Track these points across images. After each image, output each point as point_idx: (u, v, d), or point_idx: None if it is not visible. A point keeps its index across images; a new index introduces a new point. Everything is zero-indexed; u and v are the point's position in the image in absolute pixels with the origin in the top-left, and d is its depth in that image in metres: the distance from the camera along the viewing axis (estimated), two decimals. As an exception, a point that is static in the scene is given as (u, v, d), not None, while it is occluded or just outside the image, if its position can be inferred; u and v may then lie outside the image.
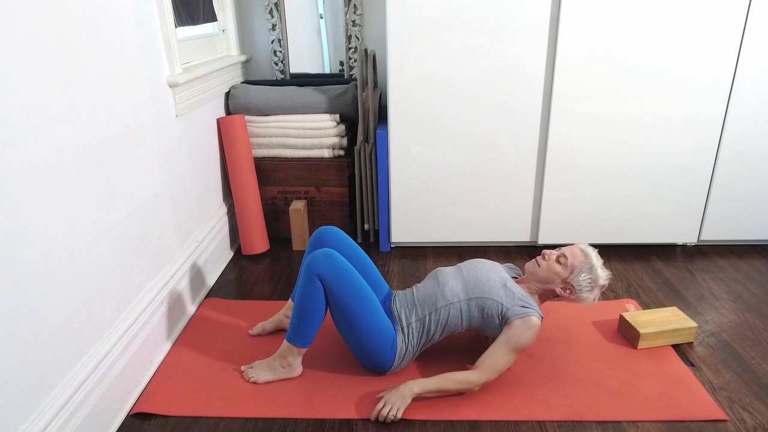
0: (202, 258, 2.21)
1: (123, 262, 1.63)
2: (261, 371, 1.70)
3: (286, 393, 1.66)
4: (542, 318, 1.62)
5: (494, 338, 1.65)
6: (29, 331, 1.23)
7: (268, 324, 1.94)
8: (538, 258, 1.72)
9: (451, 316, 1.65)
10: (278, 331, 1.95)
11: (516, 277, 1.80)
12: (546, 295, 1.72)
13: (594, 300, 1.67)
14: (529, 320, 1.58)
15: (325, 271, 1.58)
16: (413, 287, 1.78)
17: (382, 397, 1.58)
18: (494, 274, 1.70)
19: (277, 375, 1.69)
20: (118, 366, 1.57)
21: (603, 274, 1.66)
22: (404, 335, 1.67)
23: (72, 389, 1.37)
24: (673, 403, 1.60)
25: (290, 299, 1.93)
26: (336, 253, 1.62)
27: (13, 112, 1.18)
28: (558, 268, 1.67)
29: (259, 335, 1.93)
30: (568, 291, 1.67)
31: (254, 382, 1.69)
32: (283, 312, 1.94)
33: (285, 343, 1.67)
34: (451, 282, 1.70)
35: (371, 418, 1.55)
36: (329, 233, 1.80)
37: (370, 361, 1.67)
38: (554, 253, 1.70)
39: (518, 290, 1.66)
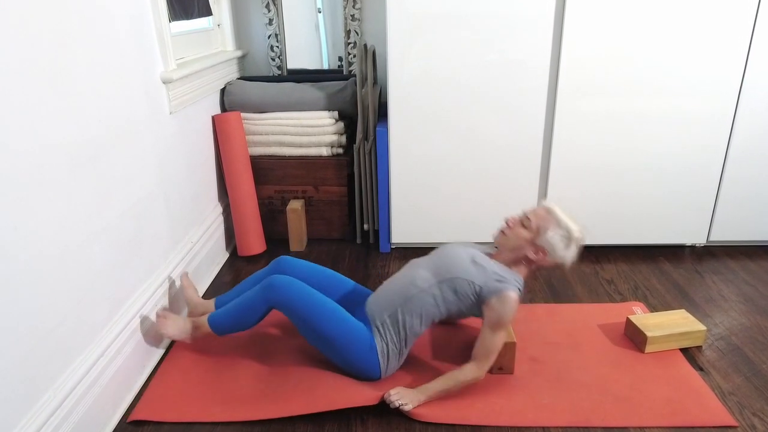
0: (196, 259, 2.22)
1: (116, 263, 1.63)
2: (171, 325, 1.77)
3: (285, 391, 1.66)
4: (521, 289, 1.61)
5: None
6: (19, 335, 1.24)
7: (193, 309, 1.94)
8: (503, 227, 1.70)
9: (425, 303, 1.64)
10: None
11: (491, 253, 1.77)
12: (522, 264, 1.69)
13: (573, 258, 1.63)
14: (504, 296, 1.57)
15: (279, 299, 1.64)
16: (384, 283, 1.78)
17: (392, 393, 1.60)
18: (463, 252, 1.69)
19: (181, 336, 1.79)
20: (110, 370, 1.57)
21: (574, 227, 1.62)
22: (380, 334, 1.66)
23: (63, 394, 1.37)
24: (681, 409, 1.60)
25: (214, 302, 1.95)
26: (290, 280, 1.66)
27: (3, 110, 1.18)
28: (524, 232, 1.64)
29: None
30: (541, 254, 1.64)
31: (161, 331, 1.76)
32: (202, 308, 1.94)
33: (205, 321, 1.76)
34: (422, 269, 1.70)
35: (384, 396, 1.59)
36: (285, 263, 1.87)
37: (358, 371, 1.68)
38: (517, 217, 1.68)
39: (491, 265, 1.65)
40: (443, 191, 2.50)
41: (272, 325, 2.02)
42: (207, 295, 2.25)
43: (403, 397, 1.58)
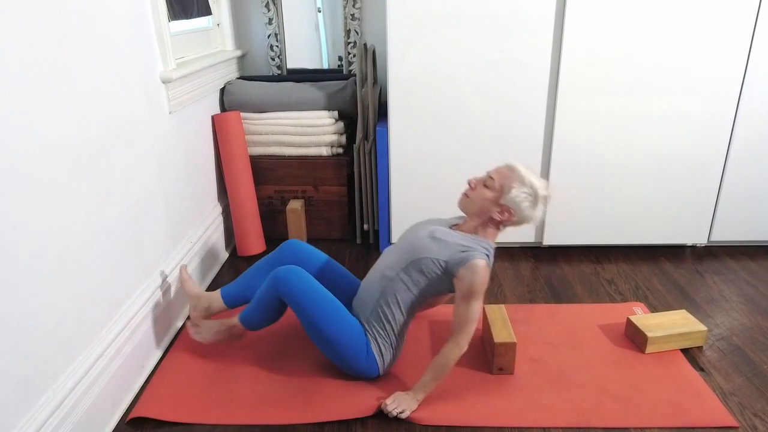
0: (196, 259, 2.22)
1: (115, 264, 1.64)
2: (205, 332, 1.78)
3: (284, 397, 1.66)
4: (489, 254, 1.59)
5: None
6: (18, 335, 1.24)
7: (199, 304, 1.88)
8: (466, 190, 1.67)
9: (398, 290, 1.63)
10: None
11: (457, 224, 1.75)
12: (490, 226, 1.65)
13: (541, 217, 1.61)
14: (471, 265, 1.54)
15: (285, 291, 1.63)
16: (363, 280, 1.78)
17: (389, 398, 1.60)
18: (422, 231, 1.67)
19: (218, 338, 1.79)
20: (109, 370, 1.57)
21: (539, 183, 1.59)
22: (370, 332, 1.66)
23: (62, 394, 1.37)
24: (681, 409, 1.61)
25: (220, 295, 1.89)
26: (297, 272, 1.64)
27: (2, 109, 1.18)
28: (487, 193, 1.61)
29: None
30: (506, 214, 1.60)
31: (197, 339, 1.78)
32: (210, 301, 1.89)
33: (237, 321, 1.76)
34: (388, 258, 1.70)
35: (380, 405, 1.58)
36: (292, 247, 1.87)
37: (357, 372, 1.69)
38: (480, 178, 1.65)
39: (452, 236, 1.62)
40: (443, 191, 2.50)
41: (272, 327, 2.01)
42: (206, 296, 2.26)
43: (400, 404, 1.58)
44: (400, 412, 1.56)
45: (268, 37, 2.87)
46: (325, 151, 2.61)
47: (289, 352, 1.86)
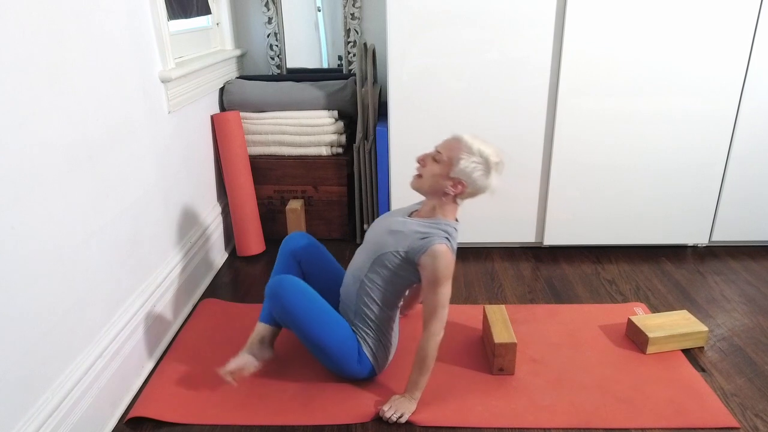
0: (195, 260, 2.22)
1: (113, 264, 1.64)
2: (234, 363, 1.66)
3: (283, 400, 1.66)
4: (450, 235, 1.56)
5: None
6: (17, 336, 1.24)
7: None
8: (416, 168, 1.62)
9: (371, 289, 1.63)
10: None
11: (416, 210, 1.71)
12: (448, 203, 1.60)
13: (497, 184, 1.57)
14: (431, 251, 1.52)
15: (278, 309, 1.59)
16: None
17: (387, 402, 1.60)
18: (380, 227, 1.66)
19: (252, 358, 1.67)
20: (108, 371, 1.57)
21: (489, 150, 1.54)
22: (359, 335, 1.66)
23: (61, 395, 1.37)
24: (682, 410, 1.60)
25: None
26: (286, 287, 1.58)
27: None
28: (437, 167, 1.56)
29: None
30: (459, 186, 1.55)
31: (234, 370, 1.65)
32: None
33: (258, 323, 1.72)
34: (357, 259, 1.69)
35: (378, 413, 1.58)
36: (296, 240, 1.81)
37: (352, 376, 1.69)
38: (428, 153, 1.61)
39: (408, 225, 1.59)
40: (443, 191, 2.49)
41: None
42: (206, 296, 2.26)
43: (398, 408, 1.57)
44: (399, 417, 1.56)
45: (268, 36, 2.87)
46: (324, 151, 2.61)
47: (288, 355, 1.86)
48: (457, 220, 1.64)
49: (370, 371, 1.69)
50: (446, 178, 1.56)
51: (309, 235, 1.86)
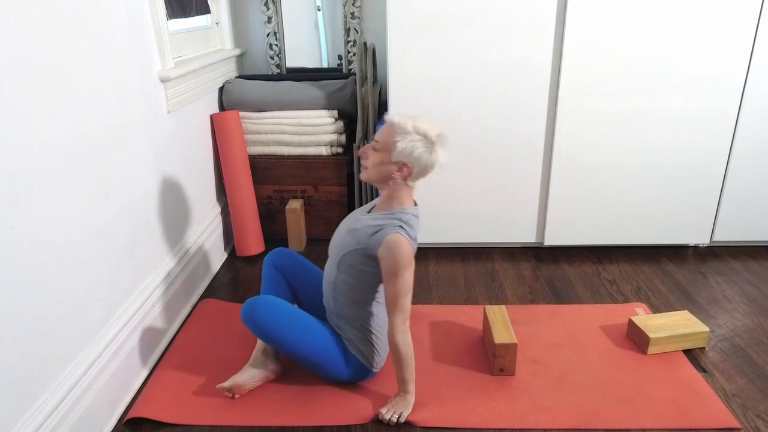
0: (194, 260, 2.22)
1: (112, 264, 1.64)
2: (240, 378, 1.68)
3: (282, 400, 1.66)
4: (405, 223, 1.54)
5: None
6: (16, 335, 1.24)
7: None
8: (361, 161, 1.61)
9: (345, 291, 1.63)
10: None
11: (374, 205, 1.70)
12: (398, 188, 1.58)
13: (444, 159, 1.55)
14: (386, 243, 1.50)
15: (255, 329, 1.59)
16: None
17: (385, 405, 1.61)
18: (341, 229, 1.67)
19: (259, 374, 1.70)
20: (107, 372, 1.57)
21: (425, 126, 1.51)
22: (345, 338, 1.66)
23: (60, 396, 1.37)
24: (684, 411, 1.61)
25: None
26: (260, 309, 1.57)
27: (-1, 108, 1.18)
28: (378, 156, 1.55)
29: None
30: (405, 168, 1.53)
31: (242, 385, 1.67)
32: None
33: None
34: (327, 265, 1.70)
35: (378, 416, 1.58)
36: (276, 254, 1.84)
37: (346, 379, 1.69)
38: (369, 146, 1.59)
39: (363, 221, 1.60)
40: (444, 191, 2.50)
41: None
42: (205, 297, 2.26)
43: (396, 409, 1.58)
44: (398, 417, 1.56)
45: (267, 35, 2.87)
46: (324, 151, 2.61)
47: (286, 357, 1.86)
48: (416, 204, 1.64)
49: (364, 371, 1.69)
50: (389, 164, 1.54)
51: (289, 250, 1.88)
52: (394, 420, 1.56)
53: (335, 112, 2.59)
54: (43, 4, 1.32)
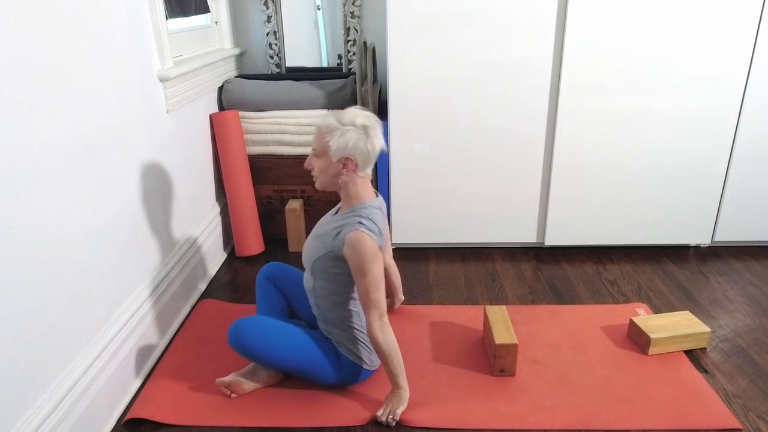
0: (194, 260, 2.22)
1: (111, 264, 1.64)
2: (247, 378, 1.70)
3: (282, 401, 1.66)
4: (363, 219, 1.53)
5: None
6: (14, 337, 1.24)
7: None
8: (312, 174, 1.62)
9: (324, 295, 1.64)
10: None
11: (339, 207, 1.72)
12: (351, 184, 1.58)
13: (381, 144, 1.55)
14: (348, 241, 1.51)
15: (243, 353, 1.60)
16: None
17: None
18: (309, 238, 1.69)
19: (258, 381, 1.71)
20: (106, 372, 1.57)
21: (348, 116, 1.51)
22: (334, 341, 1.67)
23: (59, 396, 1.37)
24: (685, 411, 1.60)
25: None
26: (244, 332, 1.58)
27: (-2, 108, 1.18)
28: (319, 161, 1.56)
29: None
30: (350, 163, 1.53)
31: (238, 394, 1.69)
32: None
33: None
34: (305, 273, 1.71)
35: (376, 417, 1.58)
36: (268, 267, 1.87)
37: (343, 383, 1.69)
38: (309, 155, 1.60)
39: (326, 225, 1.62)
40: (443, 191, 2.50)
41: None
42: (205, 297, 2.26)
43: (390, 406, 1.58)
44: (394, 415, 1.56)
45: (267, 35, 2.87)
46: (324, 151, 2.61)
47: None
48: (377, 195, 1.65)
49: (360, 370, 1.69)
50: (333, 165, 1.55)
51: (279, 262, 1.90)
52: (391, 418, 1.56)
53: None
54: (43, 4, 1.32)
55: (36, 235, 1.30)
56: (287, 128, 2.59)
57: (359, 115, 1.53)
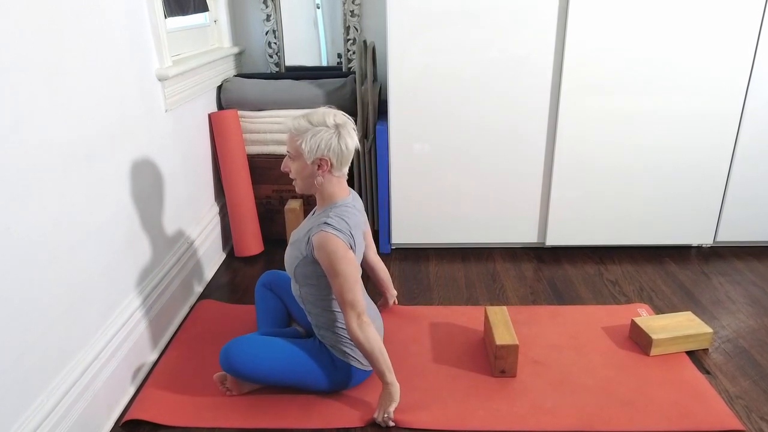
0: (193, 260, 2.22)
1: (110, 265, 1.63)
2: (243, 384, 1.70)
3: (281, 403, 1.66)
4: (330, 219, 1.54)
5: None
6: (11, 338, 1.24)
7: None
8: (287, 173, 1.63)
9: (312, 300, 1.64)
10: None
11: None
12: (326, 184, 1.59)
13: (355, 142, 1.55)
14: (316, 243, 1.52)
15: (235, 374, 1.61)
16: None
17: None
18: (288, 246, 1.69)
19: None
20: (105, 373, 1.57)
21: (318, 116, 1.51)
22: (327, 344, 1.67)
23: (56, 398, 1.37)
24: (687, 413, 1.61)
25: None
26: (234, 353, 1.59)
27: (-5, 107, 1.18)
28: (295, 164, 1.56)
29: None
30: (324, 164, 1.54)
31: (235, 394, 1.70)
32: None
33: None
34: (291, 282, 1.72)
35: (374, 420, 1.59)
36: (265, 275, 1.92)
37: (340, 386, 1.69)
38: (285, 158, 1.61)
39: (300, 231, 1.63)
40: (444, 191, 2.50)
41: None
42: (204, 297, 2.26)
43: (383, 406, 1.58)
44: (388, 414, 1.56)
45: (266, 33, 2.87)
46: (324, 150, 2.61)
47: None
48: (350, 192, 1.65)
49: (357, 372, 1.69)
50: (308, 166, 1.55)
51: (276, 270, 1.93)
52: (386, 419, 1.56)
53: (335, 111, 2.59)
54: (43, 3, 1.32)
55: (34, 235, 1.30)
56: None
57: (330, 114, 1.53)
